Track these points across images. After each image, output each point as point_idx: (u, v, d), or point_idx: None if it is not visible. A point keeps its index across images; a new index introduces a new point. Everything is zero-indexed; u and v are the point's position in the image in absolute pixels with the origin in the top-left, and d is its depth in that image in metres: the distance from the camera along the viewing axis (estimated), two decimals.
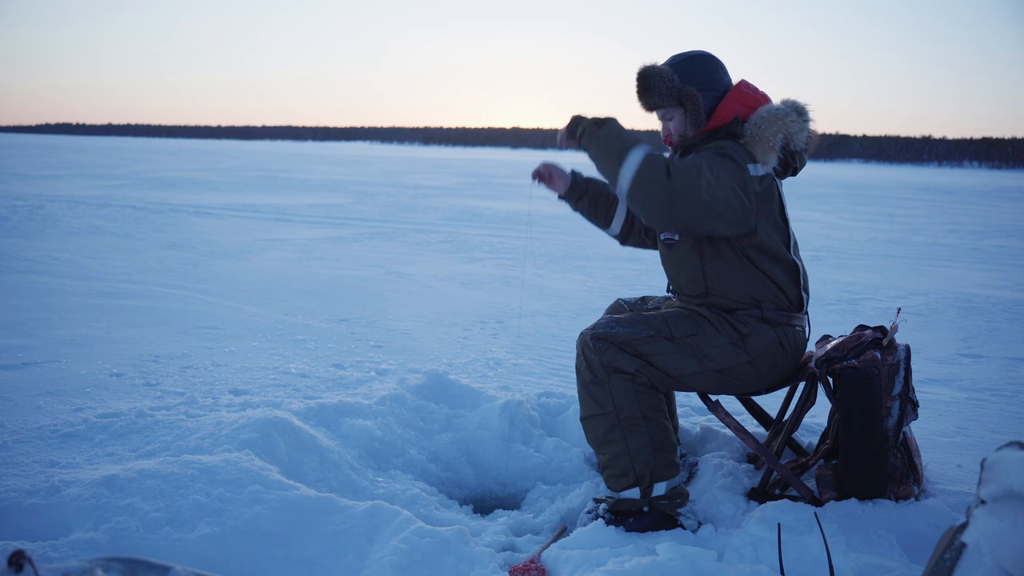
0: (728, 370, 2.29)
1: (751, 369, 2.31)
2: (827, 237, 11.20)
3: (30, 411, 3.11)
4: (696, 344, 2.27)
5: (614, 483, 2.31)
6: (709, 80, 2.32)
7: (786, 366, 2.37)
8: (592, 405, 2.30)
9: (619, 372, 2.25)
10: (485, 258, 8.21)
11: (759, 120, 2.26)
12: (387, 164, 39.41)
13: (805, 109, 2.35)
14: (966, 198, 23.98)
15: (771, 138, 2.23)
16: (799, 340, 2.39)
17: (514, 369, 4.04)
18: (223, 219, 11.27)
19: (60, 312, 4.97)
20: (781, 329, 2.32)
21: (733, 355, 2.28)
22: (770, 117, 2.26)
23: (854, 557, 2.00)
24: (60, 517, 2.14)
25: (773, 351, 2.31)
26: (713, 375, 2.30)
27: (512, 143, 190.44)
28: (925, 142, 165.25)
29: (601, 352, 2.26)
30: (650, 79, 2.30)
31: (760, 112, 2.28)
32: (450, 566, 2.05)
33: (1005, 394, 3.87)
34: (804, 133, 2.30)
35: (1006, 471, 1.13)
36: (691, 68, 2.31)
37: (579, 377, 2.33)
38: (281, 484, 2.26)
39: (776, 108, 2.28)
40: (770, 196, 2.27)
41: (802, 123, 2.29)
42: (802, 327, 2.40)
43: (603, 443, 2.30)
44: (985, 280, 7.66)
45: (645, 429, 2.26)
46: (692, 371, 2.28)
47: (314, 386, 3.60)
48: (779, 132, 2.24)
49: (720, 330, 2.29)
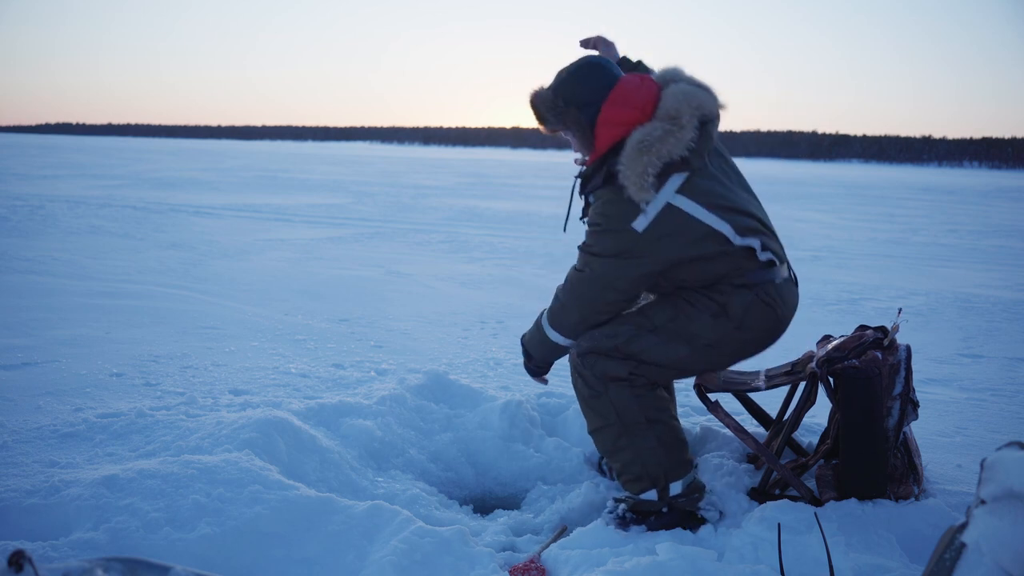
0: (718, 342, 2.23)
1: (740, 334, 2.23)
2: (827, 237, 11.20)
3: (30, 411, 3.11)
4: (679, 327, 2.22)
5: (631, 487, 2.31)
6: (588, 96, 2.16)
7: (777, 320, 2.27)
8: (596, 418, 2.29)
9: (614, 380, 2.23)
10: (485, 258, 8.21)
11: (626, 159, 2.09)
12: (387, 164, 39.40)
13: (682, 88, 2.14)
14: (966, 198, 23.98)
15: (642, 178, 2.06)
16: (783, 291, 2.27)
17: (514, 369, 4.04)
18: (223, 219, 11.27)
19: (60, 312, 4.97)
20: (759, 288, 2.22)
21: (718, 326, 2.21)
22: (634, 152, 2.08)
23: (854, 557, 2.00)
24: (60, 517, 2.14)
25: (756, 310, 2.21)
26: (706, 351, 2.25)
27: (512, 143, 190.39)
28: (925, 142, 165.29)
29: (592, 365, 2.25)
30: (536, 107, 2.26)
31: (627, 148, 2.09)
32: (450, 566, 2.05)
33: (1005, 394, 3.87)
34: (686, 136, 2.08)
35: (1006, 471, 1.13)
36: (571, 86, 2.19)
37: (578, 395, 2.33)
38: (281, 484, 2.26)
39: (644, 134, 2.09)
40: (672, 228, 2.11)
41: (673, 129, 2.08)
42: (784, 277, 2.27)
43: (613, 452, 2.30)
44: (985, 280, 7.66)
45: (651, 432, 2.25)
46: (684, 354, 2.24)
47: (314, 386, 3.61)
48: (648, 165, 2.06)
49: (696, 304, 2.22)
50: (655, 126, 2.09)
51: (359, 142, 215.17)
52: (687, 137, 2.08)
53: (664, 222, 2.11)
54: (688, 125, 2.09)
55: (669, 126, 2.09)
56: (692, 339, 2.23)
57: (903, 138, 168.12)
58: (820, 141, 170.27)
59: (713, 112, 2.16)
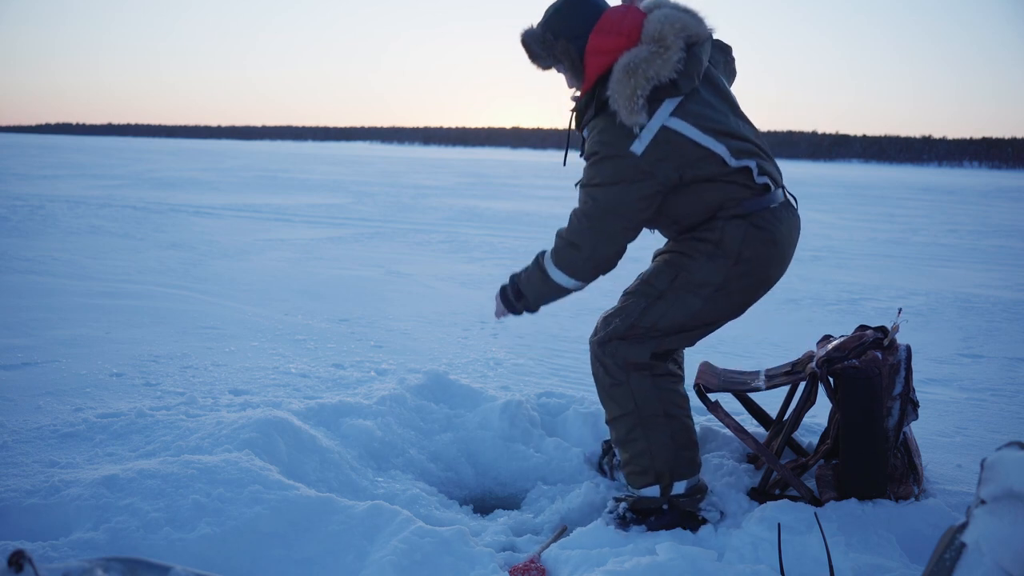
0: (725, 282, 2.20)
1: (741, 267, 2.19)
2: (827, 237, 11.20)
3: (30, 411, 3.11)
4: (683, 282, 2.22)
5: (634, 480, 2.31)
6: (576, 27, 2.19)
7: (774, 243, 2.22)
8: (614, 408, 2.30)
9: (637, 369, 2.24)
10: (485, 258, 8.21)
11: (614, 83, 2.11)
12: (387, 164, 39.40)
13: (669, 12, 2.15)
14: (966, 198, 23.98)
15: (631, 101, 2.07)
16: (779, 214, 2.24)
17: (514, 369, 4.04)
18: (223, 219, 11.27)
19: (60, 312, 4.97)
20: (752, 216, 2.19)
21: (717, 266, 2.19)
22: (622, 75, 2.09)
23: (854, 557, 2.00)
24: (60, 517, 2.14)
25: (751, 238, 2.18)
26: (717, 297, 2.22)
27: (512, 143, 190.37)
28: (925, 142, 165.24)
29: (612, 353, 2.26)
30: (527, 44, 2.29)
31: (614, 73, 2.11)
32: (450, 566, 2.05)
33: (1005, 394, 3.87)
34: (672, 58, 2.08)
35: (1006, 471, 1.13)
36: (559, 20, 2.22)
37: (598, 385, 2.34)
38: (281, 484, 2.26)
39: (630, 58, 2.10)
40: (669, 150, 2.12)
41: (659, 51, 2.08)
42: (777, 202, 2.25)
43: (625, 442, 2.30)
44: (985, 280, 7.66)
45: (667, 427, 2.26)
46: (697, 306, 2.22)
47: (314, 386, 3.60)
48: (637, 88, 2.07)
49: (692, 254, 2.22)
50: (640, 49, 2.11)
51: (359, 142, 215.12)
52: (673, 59, 2.09)
53: (661, 144, 2.12)
54: (673, 46, 2.10)
55: (655, 48, 2.10)
56: (699, 288, 2.21)
57: (903, 138, 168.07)
58: (820, 141, 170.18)
59: (699, 34, 2.16)
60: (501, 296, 2.46)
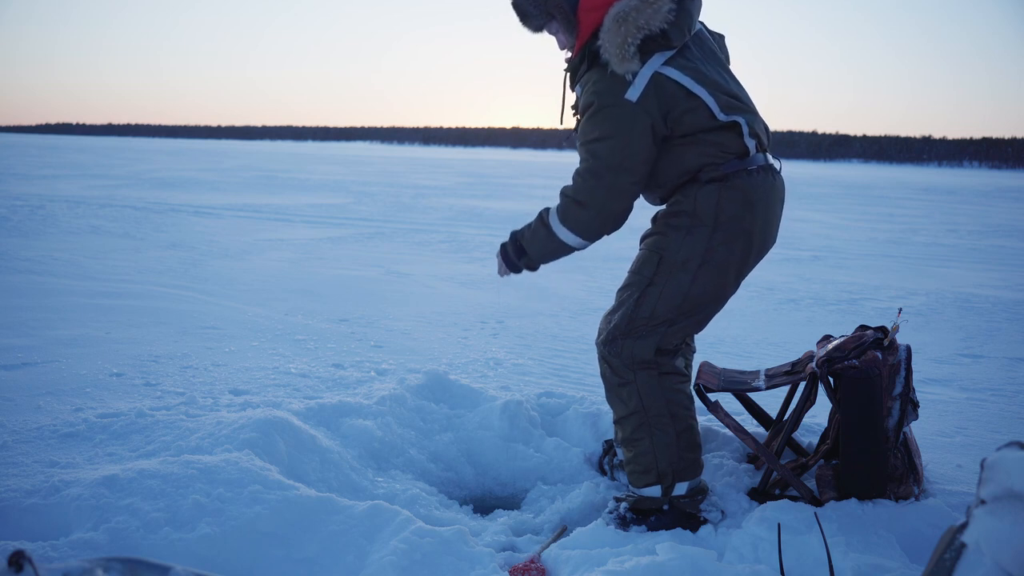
0: (708, 252, 2.18)
1: (721, 233, 2.18)
2: (827, 237, 11.19)
3: (30, 411, 3.11)
4: (668, 264, 2.21)
5: (636, 479, 2.32)
6: None
7: (750, 204, 2.19)
8: (621, 407, 2.31)
9: (643, 366, 2.24)
10: (485, 258, 8.20)
11: (605, 33, 2.11)
12: (387, 164, 39.40)
13: None
14: (966, 198, 23.98)
15: (622, 48, 2.08)
16: (755, 177, 2.20)
17: (514, 369, 4.04)
18: (223, 219, 11.27)
19: (60, 312, 4.97)
20: (727, 179, 2.17)
21: (697, 237, 2.18)
22: (612, 24, 2.10)
23: (854, 557, 2.00)
24: (60, 517, 2.14)
25: (726, 200, 2.16)
26: (706, 270, 2.19)
27: (512, 143, 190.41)
28: (925, 142, 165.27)
29: (618, 352, 2.26)
30: (517, 4, 2.28)
31: (605, 23, 2.12)
32: (450, 566, 2.05)
33: (1005, 394, 3.87)
34: (663, 8, 2.09)
35: (1006, 471, 1.13)
36: None
37: (606, 384, 2.34)
38: (281, 484, 2.26)
39: (619, 8, 2.11)
40: (663, 96, 2.12)
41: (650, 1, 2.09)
42: (755, 165, 2.21)
43: (630, 441, 2.31)
44: (985, 280, 7.65)
45: (672, 427, 2.26)
46: (687, 282, 2.20)
47: (314, 386, 3.60)
48: (628, 35, 2.08)
49: (669, 233, 2.22)
50: (630, 1, 2.11)
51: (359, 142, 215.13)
52: (664, 9, 2.10)
53: (655, 91, 2.11)
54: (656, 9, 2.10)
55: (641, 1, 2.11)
56: (685, 265, 2.20)
57: (903, 138, 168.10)
58: (820, 141, 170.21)
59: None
60: (502, 253, 2.43)
